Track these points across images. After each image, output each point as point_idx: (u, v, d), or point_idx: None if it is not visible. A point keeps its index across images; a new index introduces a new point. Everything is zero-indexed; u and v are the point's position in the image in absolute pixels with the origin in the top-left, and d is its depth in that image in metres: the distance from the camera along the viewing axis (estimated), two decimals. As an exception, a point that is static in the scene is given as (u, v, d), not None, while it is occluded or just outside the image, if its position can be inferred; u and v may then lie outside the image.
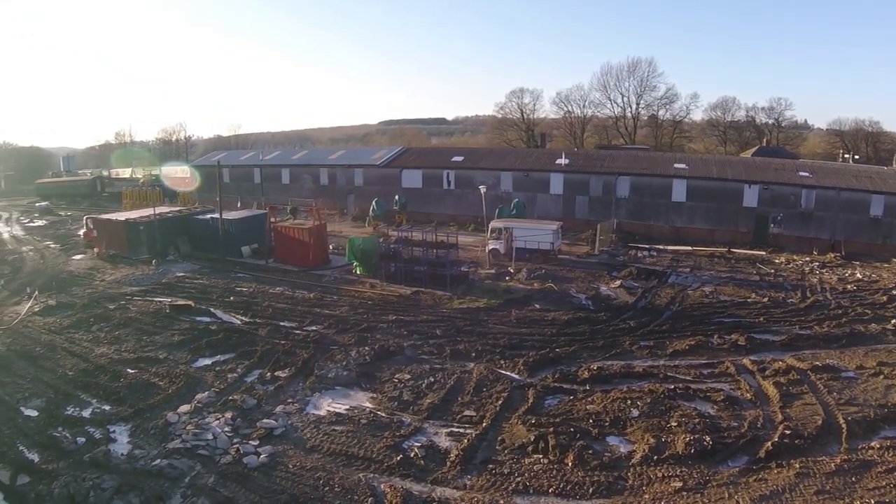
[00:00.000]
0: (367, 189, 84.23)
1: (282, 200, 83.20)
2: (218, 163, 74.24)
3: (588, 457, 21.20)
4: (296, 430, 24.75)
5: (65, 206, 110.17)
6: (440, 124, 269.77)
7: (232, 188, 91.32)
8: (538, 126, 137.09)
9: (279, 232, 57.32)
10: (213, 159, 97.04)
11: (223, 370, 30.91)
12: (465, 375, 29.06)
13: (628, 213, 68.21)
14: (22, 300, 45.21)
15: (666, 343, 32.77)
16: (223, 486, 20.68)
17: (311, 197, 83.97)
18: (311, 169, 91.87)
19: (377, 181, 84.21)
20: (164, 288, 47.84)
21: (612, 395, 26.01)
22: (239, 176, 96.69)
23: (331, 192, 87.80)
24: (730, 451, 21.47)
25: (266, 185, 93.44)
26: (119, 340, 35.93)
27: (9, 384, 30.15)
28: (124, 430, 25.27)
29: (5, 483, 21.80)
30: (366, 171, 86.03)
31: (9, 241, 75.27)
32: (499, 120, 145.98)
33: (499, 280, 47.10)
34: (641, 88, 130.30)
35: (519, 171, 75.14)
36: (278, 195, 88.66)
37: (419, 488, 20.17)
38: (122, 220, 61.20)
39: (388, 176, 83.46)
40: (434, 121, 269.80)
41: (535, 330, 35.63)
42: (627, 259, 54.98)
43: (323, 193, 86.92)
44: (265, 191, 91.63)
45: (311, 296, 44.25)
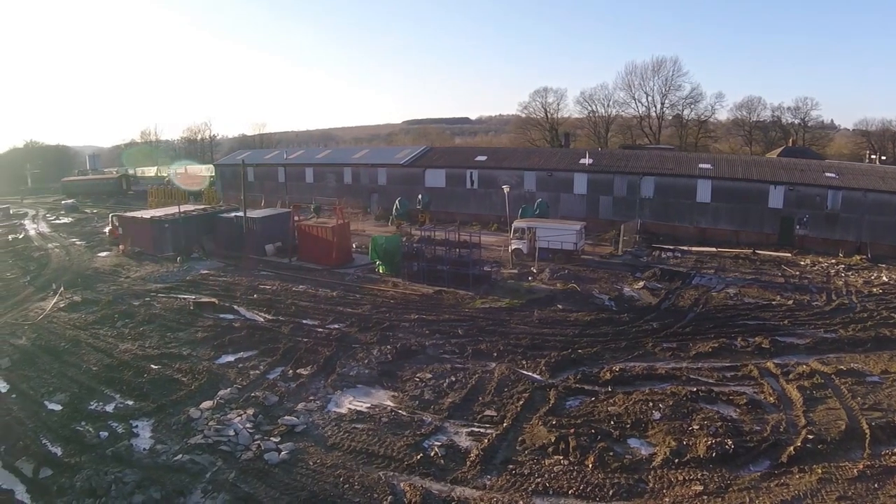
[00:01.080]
0: (390, 188, 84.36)
1: (306, 199, 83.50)
2: (242, 162, 74.84)
3: (609, 459, 21.08)
4: (317, 427, 24.86)
5: (91, 204, 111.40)
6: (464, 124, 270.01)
7: (256, 187, 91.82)
8: (562, 125, 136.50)
9: (303, 230, 57.59)
10: (237, 158, 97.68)
11: (246, 367, 31.17)
12: (486, 375, 29.03)
13: (652, 213, 67.68)
14: (47, 296, 45.83)
15: (689, 345, 32.49)
16: (244, 482, 20.83)
17: (335, 196, 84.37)
18: (335, 168, 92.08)
19: (400, 180, 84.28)
20: (188, 285, 48.30)
21: (633, 396, 25.86)
22: (263, 175, 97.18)
23: (354, 191, 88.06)
24: (752, 455, 21.26)
25: (290, 183, 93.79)
26: (143, 337, 36.36)
27: (33, 379, 30.60)
28: (147, 425, 25.57)
29: (28, 476, 22.10)
30: (389, 170, 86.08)
31: (35, 238, 76.33)
32: (522, 119, 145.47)
33: (521, 280, 46.98)
34: (666, 88, 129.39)
35: (542, 170, 74.78)
36: (302, 194, 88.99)
37: (439, 487, 20.17)
38: (147, 218, 61.82)
39: (411, 175, 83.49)
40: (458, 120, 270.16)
41: (558, 330, 35.49)
42: (651, 260, 54.60)
43: (346, 192, 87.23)
44: (289, 189, 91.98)
45: (333, 294, 44.43)
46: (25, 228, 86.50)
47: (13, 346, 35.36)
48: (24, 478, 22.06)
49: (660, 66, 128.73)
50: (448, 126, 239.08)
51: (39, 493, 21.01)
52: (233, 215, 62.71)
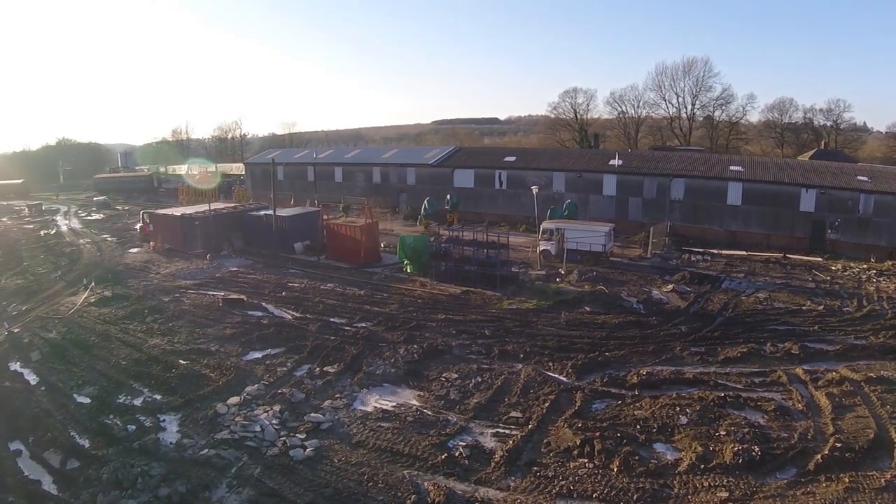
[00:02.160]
0: (419, 188, 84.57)
1: (335, 198, 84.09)
2: (272, 160, 75.35)
3: (634, 463, 20.96)
4: (342, 425, 24.98)
5: (122, 201, 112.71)
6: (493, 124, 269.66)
7: (286, 185, 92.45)
8: (591, 126, 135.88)
9: (331, 229, 57.91)
10: (267, 157, 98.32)
11: (273, 364, 31.39)
12: (512, 376, 28.97)
13: (682, 215, 67.13)
14: (78, 291, 46.49)
15: (717, 350, 32.09)
16: (269, 478, 21.01)
17: (364, 195, 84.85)
18: (364, 167, 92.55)
19: (429, 180, 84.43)
20: (217, 282, 48.72)
21: (660, 401, 25.63)
22: (293, 174, 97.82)
23: (383, 190, 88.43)
24: (778, 462, 21.00)
25: (319, 182, 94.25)
26: (172, 332, 36.77)
27: (63, 372, 31.10)
28: (174, 419, 25.89)
29: (56, 467, 22.45)
30: (418, 170, 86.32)
31: (67, 234, 77.38)
32: (552, 120, 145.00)
33: (549, 281, 46.80)
34: (697, 89, 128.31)
35: (572, 171, 74.53)
36: (331, 193, 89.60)
37: (462, 487, 20.17)
38: (177, 215, 62.47)
39: (440, 175, 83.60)
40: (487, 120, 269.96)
41: (585, 333, 35.27)
42: (680, 263, 54.14)
43: (375, 192, 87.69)
44: (318, 188, 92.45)
45: (361, 293, 44.59)
46: (57, 224, 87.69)
47: (44, 340, 35.94)
48: (51, 469, 22.43)
49: (691, 67, 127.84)
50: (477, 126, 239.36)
51: (66, 485, 21.32)
52: (262, 213, 63.23)
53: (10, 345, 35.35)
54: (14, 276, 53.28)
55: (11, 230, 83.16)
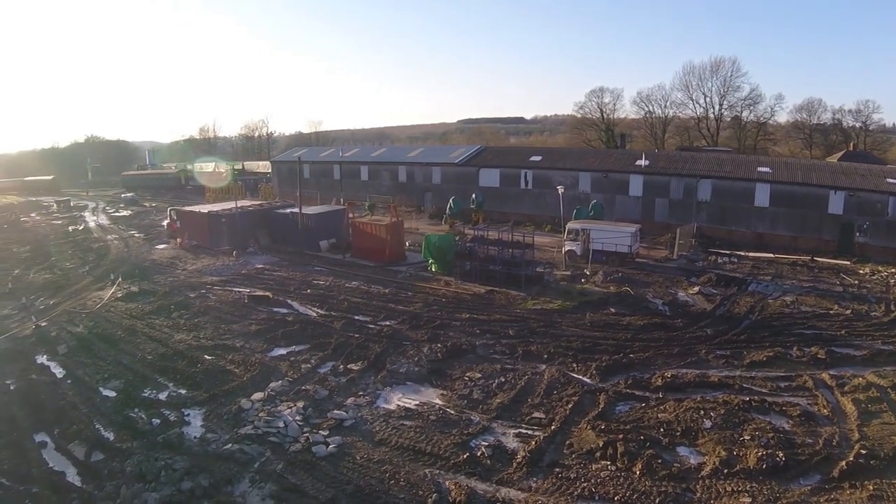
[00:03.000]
0: (444, 187, 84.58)
1: (360, 197, 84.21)
2: (299, 159, 75.73)
3: (657, 466, 20.83)
4: (365, 422, 25.11)
5: (149, 198, 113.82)
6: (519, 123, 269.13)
7: (312, 184, 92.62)
8: (618, 126, 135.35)
9: (357, 227, 58.07)
10: (294, 155, 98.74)
11: (297, 361, 31.61)
12: (536, 377, 28.93)
13: (709, 217, 66.49)
14: (105, 286, 47.07)
15: (743, 353, 31.77)
16: (291, 474, 21.17)
17: (389, 194, 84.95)
18: (390, 166, 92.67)
19: (454, 179, 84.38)
20: (243, 279, 49.10)
21: (684, 404, 25.46)
22: (319, 172, 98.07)
23: (408, 189, 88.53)
24: (802, 468, 20.78)
25: (345, 181, 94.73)
26: (198, 328, 37.14)
27: (89, 365, 31.55)
28: (198, 413, 26.20)
29: (80, 459, 22.77)
30: (443, 169, 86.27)
31: (95, 230, 78.27)
32: (578, 119, 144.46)
33: (574, 282, 46.64)
34: (724, 89, 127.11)
35: (598, 171, 74.05)
36: (357, 191, 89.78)
37: (484, 487, 20.19)
38: (204, 213, 63.05)
39: (465, 174, 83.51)
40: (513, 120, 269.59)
41: (609, 334, 35.12)
42: (707, 265, 53.65)
43: (401, 190, 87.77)
44: (344, 187, 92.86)
45: (386, 291, 44.75)
46: (85, 220, 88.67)
47: (70, 334, 36.49)
48: (75, 461, 22.77)
49: (718, 67, 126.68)
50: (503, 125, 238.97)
51: (90, 477, 21.61)
52: (288, 211, 63.60)
53: (38, 338, 35.95)
54: (42, 270, 54.04)
55: (40, 226, 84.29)
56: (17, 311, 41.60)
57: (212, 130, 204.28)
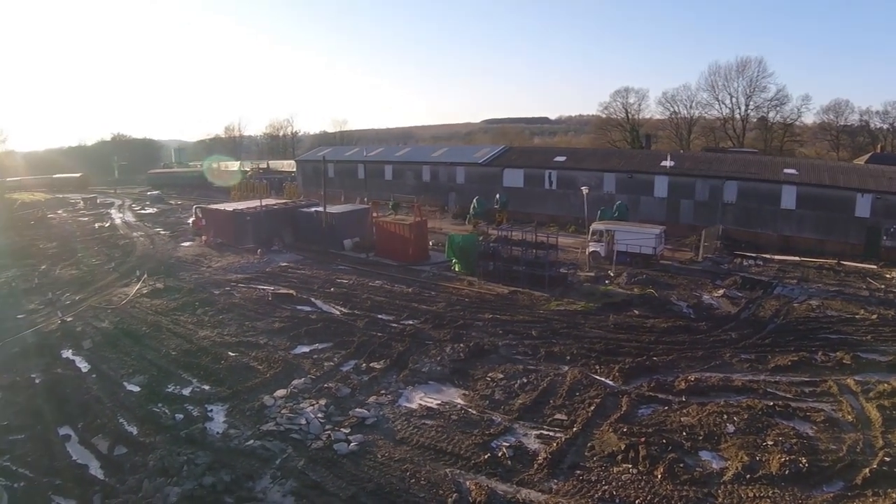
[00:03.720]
0: (468, 187, 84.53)
1: (384, 196, 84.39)
2: (323, 158, 76.14)
3: (678, 470, 20.70)
4: (387, 421, 25.25)
5: (175, 196, 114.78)
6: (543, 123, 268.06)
7: (336, 183, 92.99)
8: (643, 127, 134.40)
9: (381, 227, 58.28)
10: (318, 154, 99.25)
11: (320, 358, 31.85)
12: (558, 378, 28.87)
13: (734, 219, 65.88)
14: (131, 282, 47.67)
15: (767, 357, 31.41)
16: (312, 471, 21.35)
17: (413, 193, 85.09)
18: (414, 166, 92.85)
19: (478, 179, 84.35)
20: (267, 276, 49.44)
21: (708, 408, 25.27)
22: (343, 171, 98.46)
23: (432, 189, 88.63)
24: (825, 475, 20.52)
25: (369, 180, 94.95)
26: (222, 324, 37.53)
27: (114, 360, 32.04)
28: (221, 409, 26.50)
29: (103, 452, 23.11)
30: (467, 169, 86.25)
31: (121, 227, 79.13)
32: (603, 120, 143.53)
33: (598, 283, 46.50)
34: (751, 89, 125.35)
35: (622, 172, 73.70)
36: (381, 191, 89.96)
37: (504, 488, 20.20)
38: (229, 211, 63.58)
39: (489, 174, 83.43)
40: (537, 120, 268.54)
41: (633, 336, 34.97)
42: (732, 267, 53.18)
43: (425, 190, 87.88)
44: (368, 186, 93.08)
45: (409, 290, 44.88)
46: (112, 217, 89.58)
47: (96, 329, 37.03)
48: (98, 454, 23.12)
49: (744, 67, 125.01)
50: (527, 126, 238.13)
51: (113, 470, 21.94)
52: (313, 210, 63.91)
53: (63, 333, 36.50)
54: (69, 266, 54.78)
55: (66, 222, 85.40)
56: (44, 306, 42.24)
57: (237, 129, 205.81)
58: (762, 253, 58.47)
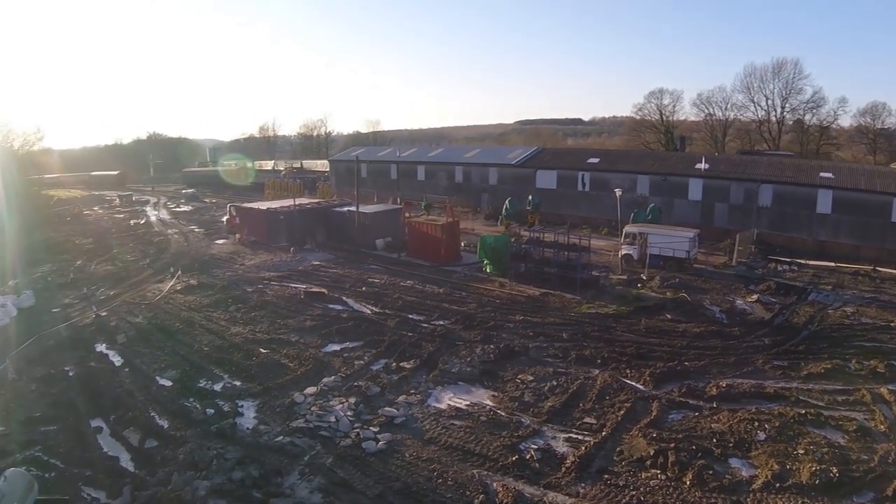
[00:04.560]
0: (500, 188, 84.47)
1: (417, 196, 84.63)
2: (357, 158, 76.41)
3: (708, 477, 20.54)
4: (416, 420, 25.41)
5: (210, 194, 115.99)
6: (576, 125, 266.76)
7: (369, 183, 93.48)
8: (677, 128, 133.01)
9: (413, 227, 58.50)
10: (351, 154, 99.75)
11: (350, 357, 32.12)
12: (588, 382, 28.79)
13: (769, 223, 65.07)
14: (165, 279, 48.39)
15: (800, 364, 30.99)
16: (340, 468, 21.55)
17: (446, 194, 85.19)
18: (447, 166, 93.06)
19: (511, 180, 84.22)
20: (299, 275, 49.88)
21: (739, 414, 24.99)
22: (376, 171, 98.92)
23: (465, 189, 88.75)
24: (856, 485, 20.22)
25: (402, 180, 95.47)
26: (254, 321, 37.98)
27: (147, 355, 32.61)
28: (252, 405, 26.85)
29: (134, 445, 23.57)
30: (500, 170, 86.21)
31: (156, 224, 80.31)
32: (637, 121, 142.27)
33: (630, 286, 46.25)
34: (786, 91, 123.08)
35: (656, 174, 73.14)
36: (413, 191, 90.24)
37: (531, 491, 20.21)
38: (263, 209, 64.26)
39: (522, 176, 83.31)
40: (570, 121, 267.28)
41: (665, 341, 34.72)
42: (766, 272, 52.55)
43: (457, 191, 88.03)
44: (401, 186, 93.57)
45: (440, 291, 45.00)
46: (147, 215, 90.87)
47: (130, 324, 37.71)
48: (129, 446, 23.57)
49: (780, 68, 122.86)
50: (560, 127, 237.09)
51: (143, 462, 22.34)
52: (345, 209, 64.41)
53: (98, 327, 37.25)
54: (104, 262, 55.81)
55: (102, 219, 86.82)
56: (79, 301, 43.15)
57: (271, 129, 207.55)
58: (797, 258, 57.66)
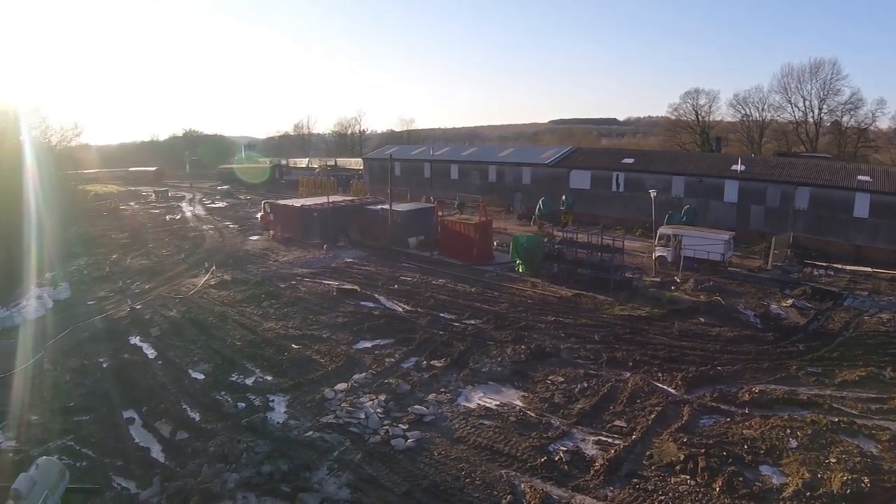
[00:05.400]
0: (534, 188, 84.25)
1: (450, 195, 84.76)
2: (390, 156, 76.72)
3: (737, 484, 20.32)
4: (445, 419, 25.52)
5: (244, 191, 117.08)
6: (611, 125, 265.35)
7: (402, 181, 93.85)
8: (713, 129, 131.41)
9: (445, 226, 58.59)
10: (385, 153, 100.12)
11: (381, 354, 32.36)
12: (619, 384, 28.72)
13: (806, 226, 64.10)
14: (199, 273, 49.04)
15: (835, 371, 30.47)
16: (368, 465, 21.75)
17: (479, 193, 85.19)
18: (480, 166, 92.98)
19: (545, 180, 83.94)
20: (332, 272, 50.29)
21: (771, 421, 24.71)
22: (409, 170, 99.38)
23: (498, 189, 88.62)
24: (887, 496, 19.85)
25: (435, 179, 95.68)
26: (286, 317, 38.44)
27: (180, 348, 33.19)
28: (282, 400, 27.26)
29: (165, 436, 24.02)
30: (534, 169, 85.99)
31: (191, 220, 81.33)
32: (672, 121, 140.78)
33: (663, 289, 45.98)
34: (824, 92, 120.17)
35: (691, 175, 72.40)
36: (446, 190, 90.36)
37: (559, 492, 20.21)
38: (297, 206, 64.80)
39: (555, 175, 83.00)
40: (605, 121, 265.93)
41: (698, 344, 34.40)
42: (802, 276, 51.84)
43: (490, 190, 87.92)
44: (434, 185, 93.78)
45: (472, 290, 45.08)
46: (182, 210, 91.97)
47: (164, 317, 38.39)
48: (161, 438, 24.04)
49: (818, 69, 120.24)
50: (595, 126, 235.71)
51: (174, 454, 22.75)
52: (379, 207, 64.61)
53: (132, 320, 37.95)
54: (139, 256, 56.83)
55: (138, 214, 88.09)
56: (114, 294, 44.05)
57: (306, 127, 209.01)
58: (833, 262, 56.76)
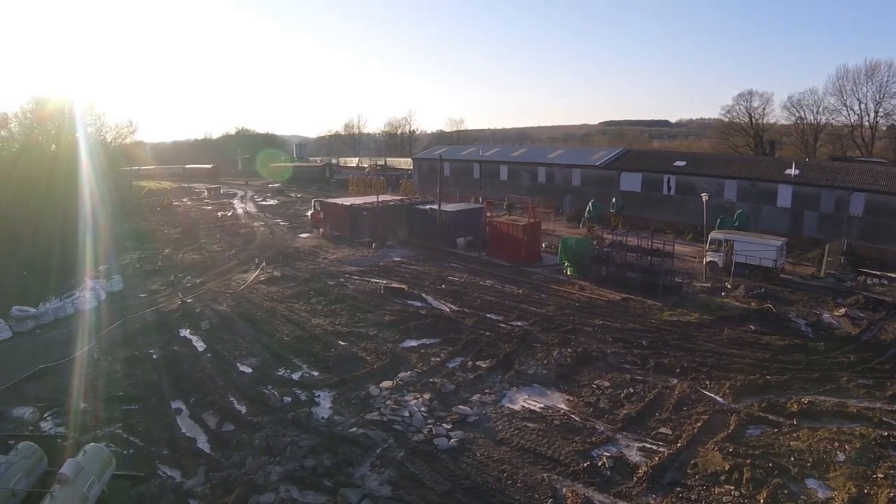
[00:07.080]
0: (583, 190, 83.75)
1: (499, 196, 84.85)
2: (440, 157, 76.80)
3: (782, 497, 20.03)
4: (489, 420, 25.60)
5: (295, 189, 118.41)
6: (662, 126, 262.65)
7: (451, 181, 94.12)
8: (767, 132, 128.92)
9: (494, 226, 58.61)
10: (434, 153, 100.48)
11: (427, 353, 32.60)
12: (666, 391, 28.51)
13: (861, 233, 62.53)
14: (249, 269, 49.81)
15: (886, 384, 29.70)
16: (411, 463, 21.92)
17: (528, 194, 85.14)
18: (530, 167, 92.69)
19: (594, 182, 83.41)
20: (380, 270, 50.70)
21: (819, 433, 24.27)
22: (459, 170, 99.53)
23: (547, 190, 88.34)
24: (934, 514, 19.36)
25: (484, 180, 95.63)
26: (334, 314, 38.97)
27: (229, 342, 33.84)
28: (328, 396, 27.72)
29: (212, 428, 24.58)
30: (584, 171, 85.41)
31: (242, 217, 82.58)
32: (724, 124, 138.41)
33: (714, 295, 45.37)
34: (880, 95, 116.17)
35: (744, 179, 71.15)
36: (496, 191, 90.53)
37: (601, 498, 20.16)
38: (347, 205, 65.47)
39: (605, 177, 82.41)
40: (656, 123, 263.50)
41: (747, 352, 33.88)
42: (855, 285, 50.73)
43: (539, 191, 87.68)
44: (483, 186, 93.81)
45: (519, 291, 45.05)
46: (234, 207, 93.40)
47: (214, 311, 39.18)
48: (207, 429, 24.63)
49: (874, 71, 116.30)
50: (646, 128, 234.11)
51: (219, 445, 23.28)
52: (427, 207, 64.89)
53: (183, 313, 38.78)
54: (191, 251, 58.00)
55: (191, 210, 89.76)
56: (166, 287, 45.11)
57: (356, 127, 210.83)
58: (888, 271, 55.40)
